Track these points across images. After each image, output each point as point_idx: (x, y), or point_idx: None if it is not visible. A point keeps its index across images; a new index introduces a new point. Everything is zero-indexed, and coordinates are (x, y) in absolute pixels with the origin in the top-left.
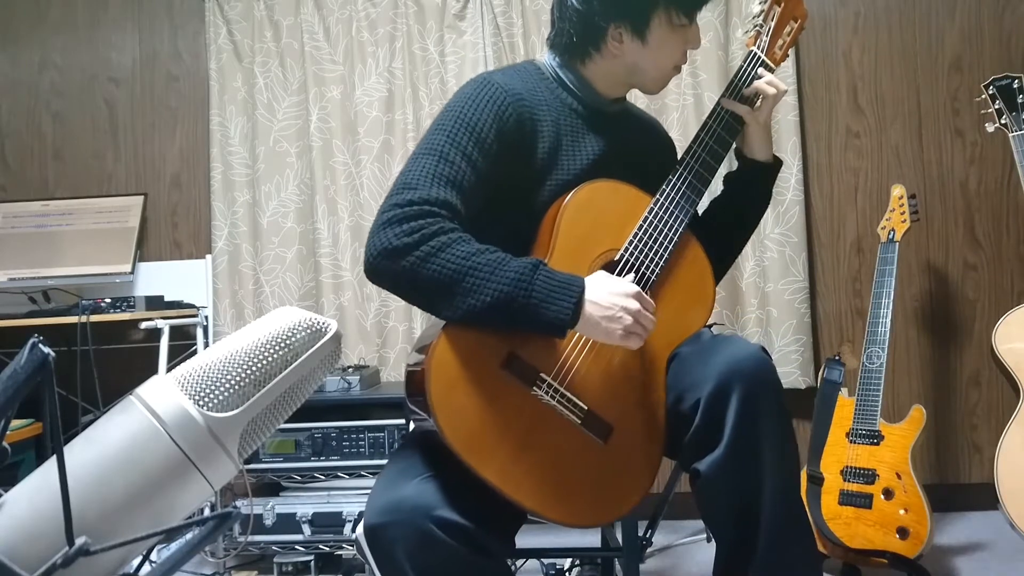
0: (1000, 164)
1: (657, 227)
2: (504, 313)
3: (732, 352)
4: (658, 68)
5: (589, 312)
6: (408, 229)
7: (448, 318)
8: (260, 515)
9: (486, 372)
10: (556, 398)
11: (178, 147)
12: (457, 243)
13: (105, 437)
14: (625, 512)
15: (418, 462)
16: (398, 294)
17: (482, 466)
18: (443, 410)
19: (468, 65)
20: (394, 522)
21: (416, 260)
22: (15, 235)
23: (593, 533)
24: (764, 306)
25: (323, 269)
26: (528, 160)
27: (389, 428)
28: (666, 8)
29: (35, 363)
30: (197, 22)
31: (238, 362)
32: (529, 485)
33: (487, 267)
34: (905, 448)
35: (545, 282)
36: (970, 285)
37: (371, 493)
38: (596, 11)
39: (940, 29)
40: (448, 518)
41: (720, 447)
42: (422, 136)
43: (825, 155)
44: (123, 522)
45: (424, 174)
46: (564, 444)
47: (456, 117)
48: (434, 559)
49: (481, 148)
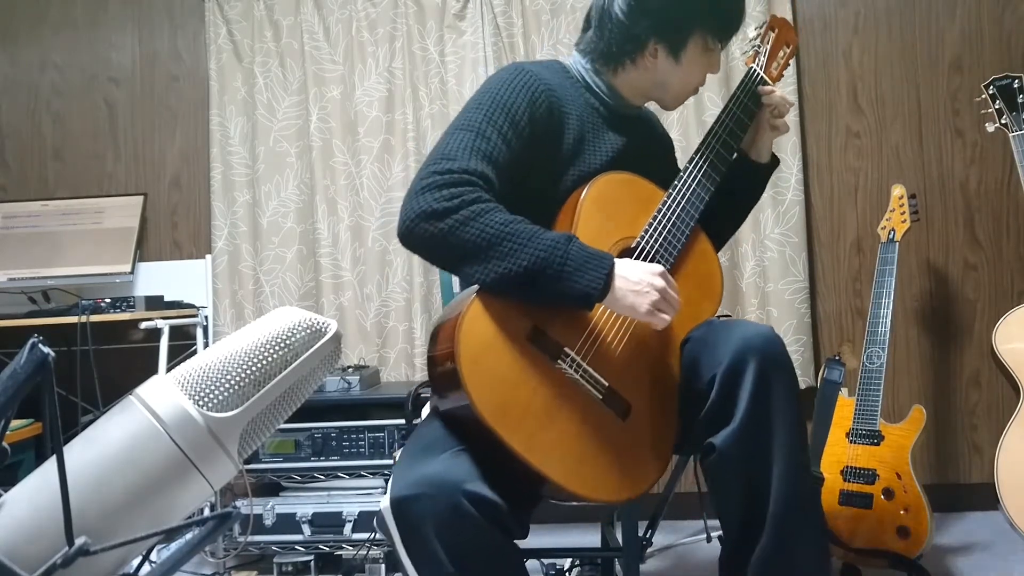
0: (1000, 164)
1: (671, 219)
2: (537, 280)
3: (745, 331)
4: (683, 86)
5: (619, 285)
6: (448, 195)
7: (481, 281)
8: (260, 515)
9: (514, 342)
10: (579, 372)
11: (178, 147)
12: (494, 211)
13: (105, 437)
14: (641, 491)
15: (444, 437)
16: (432, 257)
17: (509, 435)
18: (472, 377)
19: (468, 65)
20: (424, 495)
21: (455, 223)
22: (15, 235)
23: (593, 533)
24: (764, 306)
25: (323, 269)
26: (555, 148)
27: (389, 428)
28: (703, 32)
29: (35, 363)
30: (197, 22)
31: (238, 362)
32: (554, 456)
33: (523, 235)
34: (905, 448)
35: (579, 253)
36: (970, 285)
37: (396, 468)
38: (640, 26)
39: (940, 29)
40: (480, 493)
41: (735, 421)
42: (457, 115)
43: (825, 155)
44: (123, 522)
45: (462, 147)
46: (586, 419)
47: (493, 98)
48: (462, 535)
49: (515, 129)
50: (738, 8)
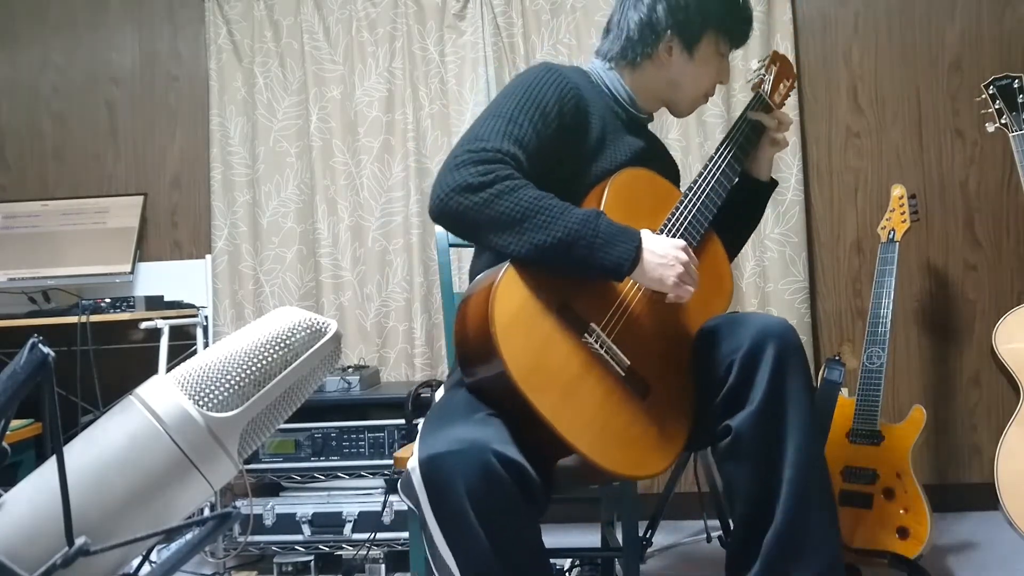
0: (1000, 164)
1: (687, 218)
2: (570, 251)
3: (762, 319)
4: (695, 87)
5: (647, 258)
6: (483, 170)
7: (515, 252)
8: (260, 515)
9: (544, 313)
10: (604, 348)
11: (178, 147)
12: (527, 187)
13: (105, 437)
14: (658, 470)
15: (471, 403)
16: (465, 230)
17: (538, 399)
18: (505, 340)
19: (468, 65)
20: (457, 451)
21: (489, 196)
22: (15, 235)
23: (593, 533)
24: (764, 306)
25: (323, 269)
26: (579, 145)
27: (389, 428)
28: (716, 31)
29: (35, 363)
30: (197, 22)
31: (238, 362)
32: (578, 426)
33: (555, 209)
34: (905, 448)
35: (608, 227)
36: (970, 285)
37: (423, 433)
38: (657, 20)
39: (940, 29)
40: (509, 455)
41: (753, 403)
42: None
43: (825, 155)
44: (123, 522)
45: (494, 130)
46: (609, 394)
47: (524, 90)
48: (492, 496)
49: (544, 120)
50: (748, 18)
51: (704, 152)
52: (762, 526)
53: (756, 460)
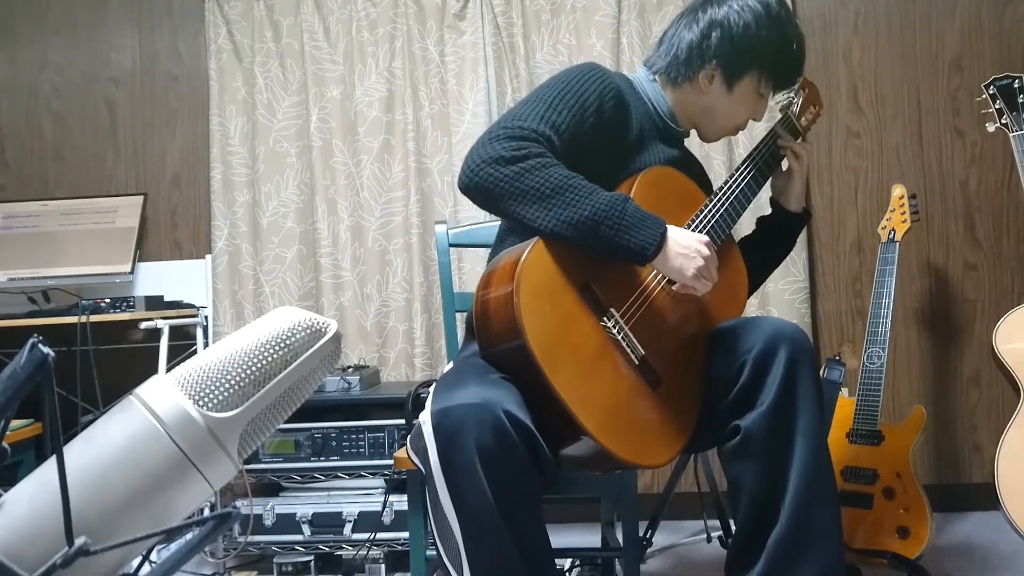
0: (1000, 164)
1: (710, 222)
2: (596, 230)
3: (776, 322)
4: (728, 119)
5: (670, 247)
6: (516, 145)
7: (542, 226)
8: (260, 515)
9: (567, 291)
10: (621, 335)
11: (178, 147)
12: (557, 166)
13: (105, 437)
14: (662, 461)
15: (484, 367)
16: (492, 203)
17: (553, 374)
18: (528, 311)
19: (468, 65)
20: (468, 404)
21: (521, 170)
22: (15, 235)
23: (593, 533)
24: (764, 306)
25: (323, 269)
26: (616, 143)
27: (389, 428)
28: (759, 72)
29: (35, 363)
30: (197, 22)
31: (238, 362)
32: (589, 406)
33: (584, 188)
34: (905, 448)
35: (635, 212)
36: (970, 285)
37: (436, 390)
38: (707, 46)
39: (940, 29)
40: (518, 415)
41: (764, 403)
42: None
43: (825, 155)
44: (123, 522)
45: (532, 113)
46: (621, 380)
47: (567, 83)
48: (502, 453)
49: (583, 112)
50: (797, 65)
51: (721, 166)
52: (766, 526)
53: (764, 460)
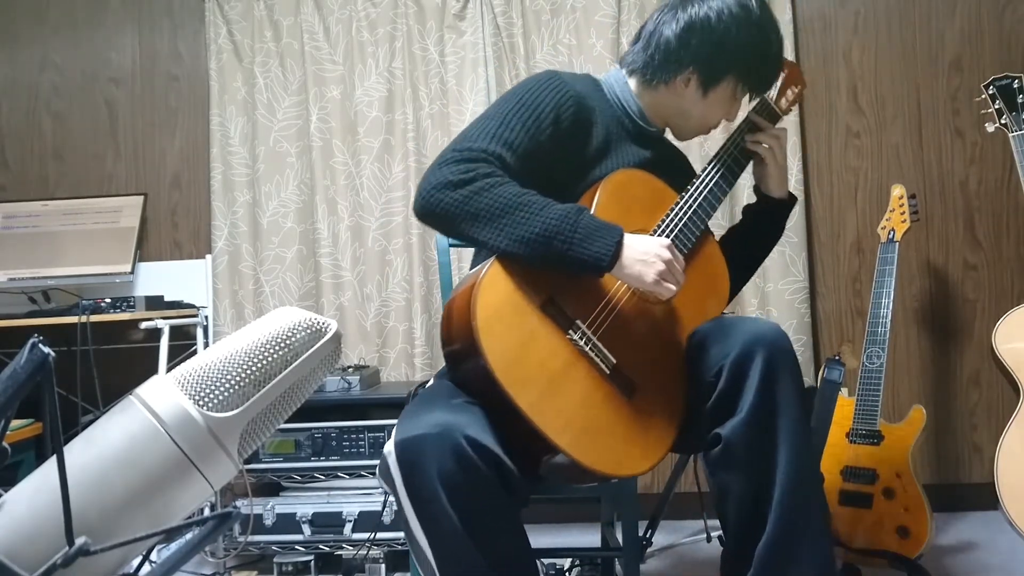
0: (1000, 164)
1: (683, 219)
2: (549, 246)
3: (753, 325)
4: (701, 122)
5: (627, 254)
6: (464, 168)
7: (495, 247)
8: (260, 515)
9: (528, 308)
10: (589, 345)
11: (178, 147)
12: (508, 184)
13: (105, 437)
14: (641, 470)
15: (451, 391)
16: (446, 227)
17: (519, 394)
18: (488, 335)
19: (468, 65)
20: (428, 435)
21: (470, 192)
22: (15, 235)
23: (593, 533)
24: (764, 306)
25: (323, 269)
26: (578, 152)
27: (389, 428)
28: (736, 78)
29: (35, 363)
30: (197, 22)
31: (238, 362)
32: (559, 423)
33: (536, 204)
34: (905, 448)
35: (589, 222)
36: (970, 285)
37: (402, 416)
38: (685, 51)
39: (940, 29)
40: (482, 441)
41: (742, 411)
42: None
43: (825, 155)
44: (123, 522)
45: (483, 132)
46: (593, 391)
47: (522, 96)
48: (464, 479)
49: (538, 125)
50: (774, 72)
51: (704, 155)
52: (754, 534)
53: (747, 469)
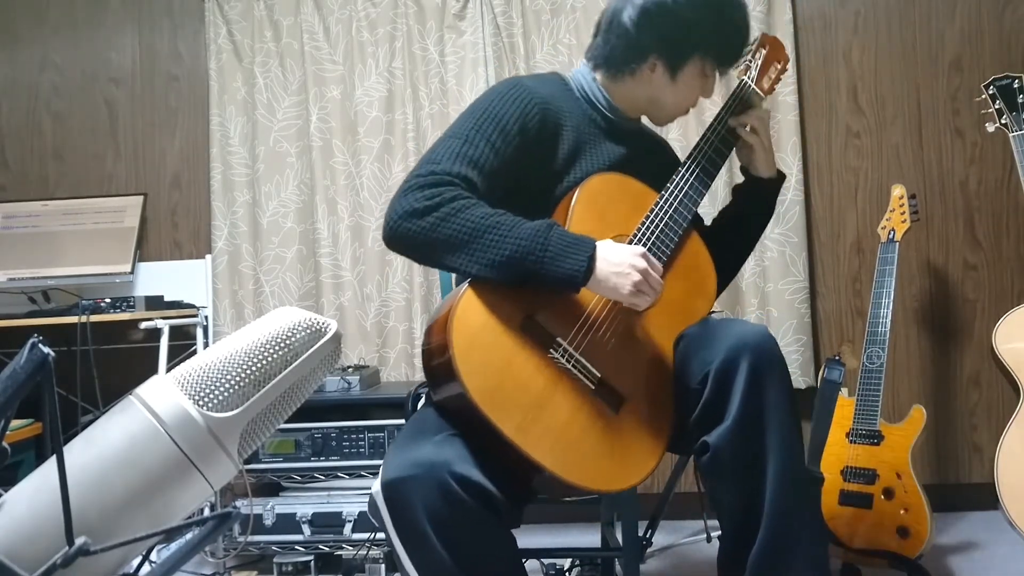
0: (1000, 164)
1: (663, 219)
2: (521, 267)
3: (739, 330)
4: (675, 105)
5: (601, 267)
6: (428, 194)
7: (467, 272)
8: (260, 515)
9: (506, 330)
10: (571, 363)
11: (178, 147)
12: (475, 206)
13: (105, 437)
14: (634, 483)
15: (436, 424)
16: (417, 255)
17: (502, 420)
18: (465, 364)
19: (468, 65)
20: (414, 476)
21: (436, 220)
22: (15, 235)
23: (593, 533)
24: (764, 306)
25: (323, 269)
26: (548, 159)
27: (389, 428)
28: (703, 57)
29: (35, 363)
30: (197, 22)
31: (238, 362)
32: (545, 444)
33: (505, 225)
34: (905, 448)
35: (560, 239)
36: (970, 285)
37: (388, 453)
38: (645, 39)
39: (940, 29)
40: (467, 475)
41: (728, 419)
42: (449, 126)
43: (825, 155)
44: (123, 522)
45: (447, 153)
46: (578, 408)
47: (484, 109)
48: (452, 516)
49: (504, 138)
50: (740, 43)
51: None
52: (748, 540)
53: (736, 476)
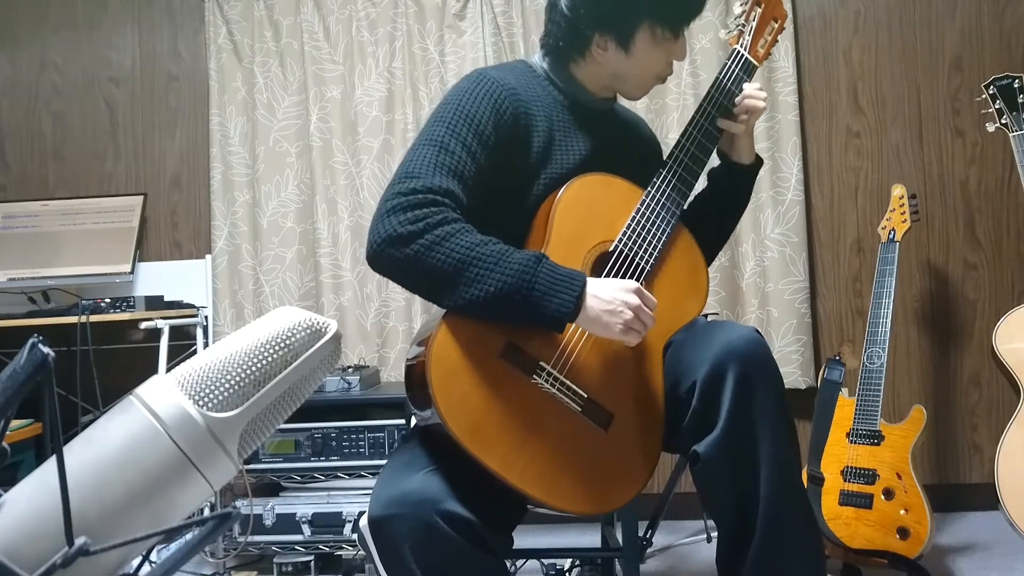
0: (1000, 164)
1: (649, 219)
2: (506, 304)
3: (726, 335)
4: (641, 77)
5: (590, 305)
6: (412, 217)
7: (450, 307)
8: (260, 515)
9: (487, 361)
10: (556, 386)
11: (178, 147)
12: (461, 233)
13: (105, 437)
14: (627, 500)
15: (422, 455)
16: (400, 282)
17: (485, 455)
18: (444, 398)
19: (468, 65)
20: (399, 515)
21: (420, 248)
22: (15, 235)
23: (593, 533)
24: (764, 306)
25: (323, 269)
26: (523, 154)
27: (389, 428)
28: (651, 23)
29: (35, 363)
30: (197, 22)
31: (238, 362)
32: (533, 473)
33: (491, 258)
34: (905, 448)
35: (548, 275)
36: (970, 285)
37: (375, 487)
38: (582, 19)
39: (940, 29)
40: (454, 511)
41: (718, 428)
42: (420, 130)
43: (825, 155)
44: (123, 522)
45: (426, 163)
46: (566, 432)
47: (455, 110)
48: (438, 553)
49: (480, 139)
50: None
51: None
52: (742, 546)
53: (728, 484)
